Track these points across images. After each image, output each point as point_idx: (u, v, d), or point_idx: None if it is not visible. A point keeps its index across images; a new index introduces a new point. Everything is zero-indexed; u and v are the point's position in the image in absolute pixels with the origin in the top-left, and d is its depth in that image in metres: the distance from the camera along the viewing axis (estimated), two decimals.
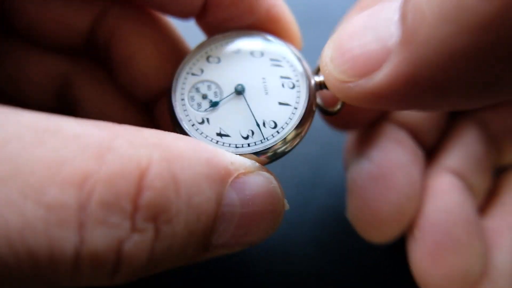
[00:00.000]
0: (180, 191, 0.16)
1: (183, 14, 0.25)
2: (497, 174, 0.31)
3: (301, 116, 0.22)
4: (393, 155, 0.27)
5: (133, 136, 0.16)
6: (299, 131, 0.22)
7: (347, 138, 0.33)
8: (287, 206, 0.22)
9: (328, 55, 0.21)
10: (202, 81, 0.24)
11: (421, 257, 0.25)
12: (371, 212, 0.26)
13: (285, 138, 0.22)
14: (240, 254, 0.32)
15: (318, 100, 0.25)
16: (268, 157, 0.22)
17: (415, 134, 0.29)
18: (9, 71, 0.27)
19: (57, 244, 0.14)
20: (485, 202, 0.30)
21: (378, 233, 0.26)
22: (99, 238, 0.14)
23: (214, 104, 0.23)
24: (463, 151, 0.29)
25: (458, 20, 0.15)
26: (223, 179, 0.18)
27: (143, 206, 0.15)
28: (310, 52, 0.28)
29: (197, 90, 0.24)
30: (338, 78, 0.20)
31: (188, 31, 0.29)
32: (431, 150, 0.30)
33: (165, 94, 0.26)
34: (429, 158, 0.30)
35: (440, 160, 0.29)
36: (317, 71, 0.25)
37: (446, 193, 0.27)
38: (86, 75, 0.28)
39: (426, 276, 0.25)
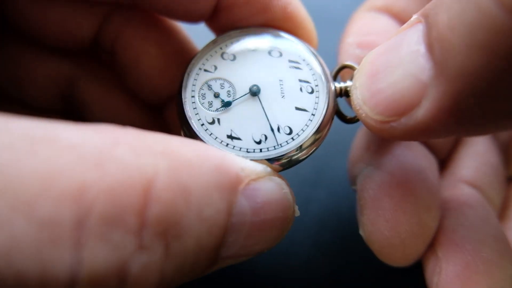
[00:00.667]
0: (190, 202, 0.15)
1: (192, 19, 0.24)
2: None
3: (319, 124, 0.21)
4: (406, 161, 0.25)
5: (136, 142, 0.15)
6: (315, 139, 0.21)
7: (351, 145, 0.30)
8: (297, 213, 0.21)
9: (359, 97, 0.20)
10: (215, 79, 0.22)
11: (449, 280, 0.22)
12: (389, 227, 0.23)
13: (300, 146, 0.21)
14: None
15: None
16: (281, 165, 0.21)
17: (426, 142, 0.27)
18: (14, 73, 0.26)
19: (50, 265, 0.12)
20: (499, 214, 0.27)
21: (399, 252, 0.23)
22: (100, 258, 0.13)
23: (226, 104, 0.22)
24: (478, 162, 0.27)
25: (491, 45, 0.14)
26: (233, 187, 0.17)
27: (150, 220, 0.14)
28: None
29: (209, 87, 0.22)
30: (377, 120, 0.19)
31: (197, 31, 0.28)
32: (443, 160, 0.28)
33: (173, 98, 0.25)
34: (442, 168, 0.28)
35: (455, 170, 0.27)
36: (335, 76, 0.24)
37: (469, 207, 0.24)
38: (92, 77, 0.28)
39: None
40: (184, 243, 0.15)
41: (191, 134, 0.21)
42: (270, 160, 0.20)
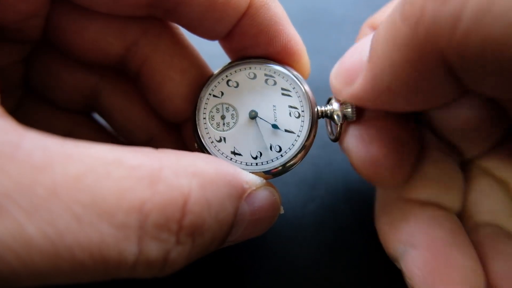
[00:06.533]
0: (211, 211, 0.21)
1: (210, 37, 0.28)
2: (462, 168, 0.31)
3: (303, 143, 0.26)
4: (434, 234, 0.27)
5: (176, 165, 0.21)
6: (300, 155, 0.27)
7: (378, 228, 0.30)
8: (282, 211, 0.27)
9: (333, 70, 0.28)
10: (222, 103, 0.28)
11: None
12: None
13: (287, 161, 0.26)
14: (241, 252, 0.34)
15: (329, 128, 0.30)
16: (273, 174, 0.27)
17: (441, 206, 0.29)
18: (46, 79, 0.30)
19: (123, 253, 0.18)
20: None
21: None
22: (153, 249, 0.19)
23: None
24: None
25: (393, 41, 0.21)
26: (239, 196, 0.23)
27: (185, 226, 0.20)
28: (310, 52, 0.30)
29: (217, 110, 0.27)
30: (335, 85, 0.27)
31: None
32: (461, 210, 0.30)
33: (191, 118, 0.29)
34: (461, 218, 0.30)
35: (472, 214, 0.30)
36: (328, 101, 0.29)
37: (498, 244, 0.27)
38: (115, 90, 0.31)
39: None
40: (204, 237, 0.21)
41: (203, 149, 0.27)
42: (264, 171, 0.26)
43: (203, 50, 0.31)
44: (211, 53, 0.32)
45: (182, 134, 0.32)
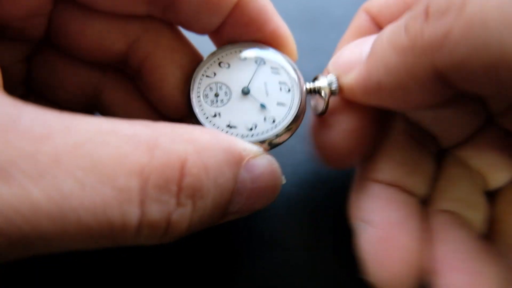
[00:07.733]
0: (209, 175, 0.21)
1: (203, 31, 0.29)
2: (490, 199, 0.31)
3: (294, 115, 0.28)
4: (389, 215, 0.28)
5: (172, 133, 0.22)
6: (292, 126, 0.28)
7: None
8: (284, 181, 0.27)
9: (333, 58, 0.29)
10: (215, 83, 0.29)
11: None
12: (390, 277, 0.26)
13: (281, 132, 0.28)
14: (238, 252, 0.34)
15: (312, 103, 0.31)
16: (268, 144, 0.28)
17: (404, 189, 0.30)
18: (47, 79, 0.31)
19: (127, 216, 0.19)
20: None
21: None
22: (155, 211, 0.20)
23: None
24: (456, 188, 0.30)
25: (393, 47, 0.23)
26: (238, 162, 0.23)
27: (185, 187, 0.20)
28: (310, 52, 0.31)
29: (211, 89, 0.29)
30: (331, 71, 0.29)
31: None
32: (427, 196, 0.31)
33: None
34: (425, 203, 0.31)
35: (435, 203, 0.30)
36: (314, 79, 0.30)
37: (448, 231, 0.28)
38: (117, 87, 0.32)
39: None
40: (205, 201, 0.22)
41: (198, 125, 0.27)
42: (259, 142, 0.27)
43: (200, 48, 0.32)
44: (209, 51, 0.32)
45: None
